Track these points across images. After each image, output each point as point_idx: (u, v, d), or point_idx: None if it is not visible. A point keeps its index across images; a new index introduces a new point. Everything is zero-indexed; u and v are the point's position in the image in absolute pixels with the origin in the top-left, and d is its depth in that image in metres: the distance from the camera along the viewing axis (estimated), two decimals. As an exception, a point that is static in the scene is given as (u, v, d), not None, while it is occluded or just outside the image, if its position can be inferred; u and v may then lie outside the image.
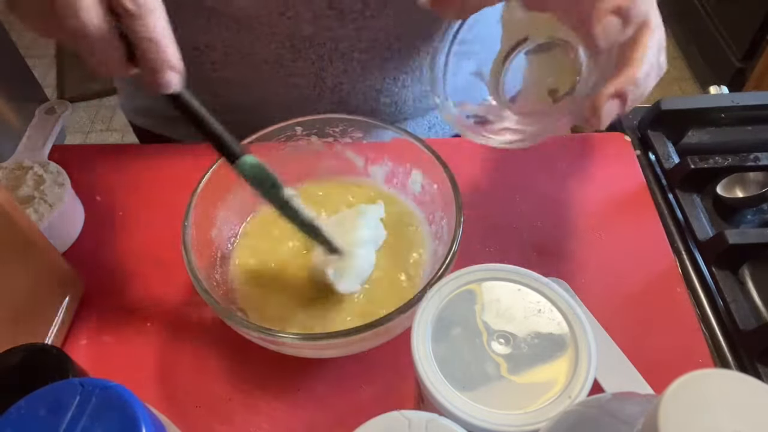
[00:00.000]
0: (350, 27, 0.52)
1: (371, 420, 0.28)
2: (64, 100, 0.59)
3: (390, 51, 0.55)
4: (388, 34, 0.54)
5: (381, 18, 0.52)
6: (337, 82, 0.57)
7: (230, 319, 0.39)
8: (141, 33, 0.31)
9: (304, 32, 0.52)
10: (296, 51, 0.54)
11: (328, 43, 0.53)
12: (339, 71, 0.56)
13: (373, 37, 0.54)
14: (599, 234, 0.53)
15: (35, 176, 0.53)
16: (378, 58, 0.56)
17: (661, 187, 0.57)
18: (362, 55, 0.55)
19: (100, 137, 1.95)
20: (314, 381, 0.45)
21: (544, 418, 0.30)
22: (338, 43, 0.53)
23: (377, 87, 0.58)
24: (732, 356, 0.45)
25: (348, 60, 0.55)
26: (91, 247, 0.54)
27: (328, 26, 0.52)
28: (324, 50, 0.54)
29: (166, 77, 0.33)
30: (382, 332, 0.40)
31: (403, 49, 0.56)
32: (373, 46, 0.54)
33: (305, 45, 0.53)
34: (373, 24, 0.53)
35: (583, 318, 0.34)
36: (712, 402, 0.18)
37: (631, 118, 0.64)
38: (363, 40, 0.54)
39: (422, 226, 0.50)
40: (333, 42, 0.53)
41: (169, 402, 0.44)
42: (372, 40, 0.54)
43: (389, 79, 0.58)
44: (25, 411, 0.24)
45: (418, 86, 0.61)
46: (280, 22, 0.51)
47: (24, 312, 0.41)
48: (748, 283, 0.49)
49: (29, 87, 1.68)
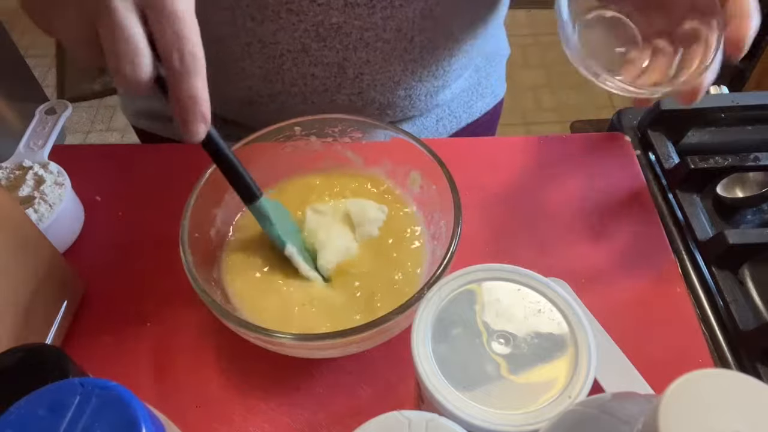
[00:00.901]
0: (378, 16, 0.53)
1: (371, 420, 0.28)
2: (64, 100, 0.59)
3: (412, 43, 0.56)
4: (412, 25, 0.55)
5: (409, 8, 0.53)
6: (358, 73, 0.58)
7: (228, 318, 0.39)
8: (183, 91, 0.34)
9: (333, 20, 0.53)
10: (321, 39, 0.54)
11: (354, 32, 0.54)
12: (362, 61, 0.57)
13: (398, 27, 0.55)
14: (599, 234, 0.53)
15: (35, 176, 0.53)
16: (399, 49, 0.56)
17: (661, 187, 0.57)
18: (385, 45, 0.56)
19: (100, 137, 1.95)
20: (314, 381, 0.45)
21: (544, 418, 0.30)
22: (364, 32, 0.54)
23: (395, 79, 0.59)
24: (732, 356, 0.45)
25: (372, 50, 0.56)
26: (91, 247, 0.54)
27: (358, 14, 0.53)
28: (349, 39, 0.55)
29: (197, 129, 0.36)
30: (380, 332, 0.39)
31: (425, 42, 0.57)
32: (396, 36, 0.55)
33: (331, 33, 0.54)
34: (401, 14, 0.54)
35: (583, 318, 0.34)
36: (712, 402, 0.18)
37: (631, 118, 0.64)
38: (388, 30, 0.55)
39: (421, 226, 0.50)
40: (359, 31, 0.54)
41: (169, 402, 0.44)
42: (396, 30, 0.55)
43: (407, 72, 0.59)
44: (25, 411, 0.24)
45: (433, 81, 0.62)
46: (310, 9, 0.52)
47: (24, 312, 0.41)
48: (748, 283, 0.49)
49: (29, 87, 1.68)
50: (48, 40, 0.45)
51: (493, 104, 0.74)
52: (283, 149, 0.52)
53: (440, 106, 0.67)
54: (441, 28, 0.57)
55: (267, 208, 0.46)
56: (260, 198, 0.45)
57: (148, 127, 0.71)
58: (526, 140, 0.62)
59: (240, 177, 0.44)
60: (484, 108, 0.73)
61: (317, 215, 0.50)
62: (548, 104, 1.99)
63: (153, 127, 0.70)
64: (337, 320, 0.44)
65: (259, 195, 0.45)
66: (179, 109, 0.35)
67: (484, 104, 0.73)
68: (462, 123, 0.71)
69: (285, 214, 0.49)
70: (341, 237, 0.49)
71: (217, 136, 0.41)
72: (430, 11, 0.55)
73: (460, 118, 0.70)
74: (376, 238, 0.49)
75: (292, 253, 0.47)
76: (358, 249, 0.49)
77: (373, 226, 0.49)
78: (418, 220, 0.51)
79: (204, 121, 0.35)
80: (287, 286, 0.47)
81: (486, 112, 0.73)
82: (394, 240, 0.49)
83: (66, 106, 0.58)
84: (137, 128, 0.74)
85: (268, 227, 0.47)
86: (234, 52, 0.56)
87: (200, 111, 0.35)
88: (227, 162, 0.43)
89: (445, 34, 0.58)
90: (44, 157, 0.55)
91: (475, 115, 0.72)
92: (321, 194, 0.52)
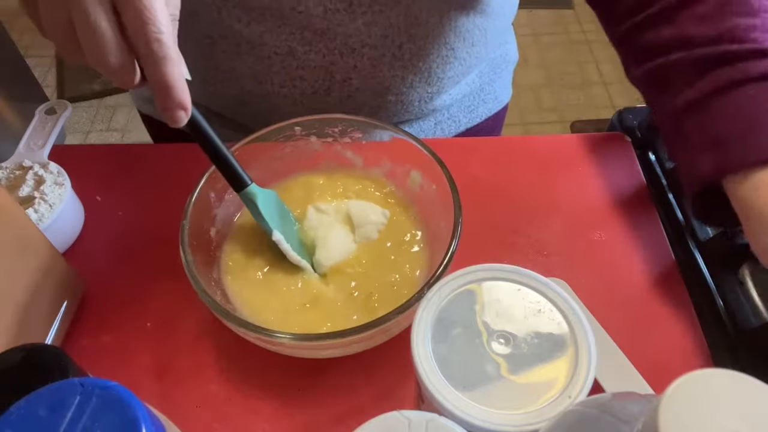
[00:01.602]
0: (360, 21, 0.53)
1: (371, 420, 0.28)
2: (64, 100, 0.59)
3: (400, 50, 0.56)
4: (398, 31, 0.55)
5: (391, 13, 0.53)
6: (347, 77, 0.57)
7: (228, 318, 0.39)
8: (156, 79, 0.33)
9: (316, 25, 0.53)
10: (307, 43, 0.54)
11: (339, 38, 0.54)
12: (349, 66, 0.56)
13: (383, 33, 0.54)
14: (599, 234, 0.53)
15: (35, 176, 0.52)
16: (387, 55, 0.56)
17: (661, 187, 0.57)
18: (372, 51, 0.55)
19: (100, 137, 1.94)
20: (314, 381, 0.45)
21: (544, 418, 0.30)
22: (348, 37, 0.54)
23: (385, 84, 0.59)
24: (732, 356, 0.45)
25: (358, 55, 0.56)
26: (91, 247, 0.54)
27: (340, 20, 0.53)
28: (335, 44, 0.55)
29: (176, 115, 0.35)
30: (380, 332, 0.40)
31: (413, 49, 0.57)
32: (384, 43, 0.55)
33: (316, 38, 0.54)
34: (383, 20, 0.53)
35: (583, 318, 0.34)
36: (712, 402, 0.18)
37: (631, 118, 0.64)
38: (373, 36, 0.54)
39: (421, 230, 0.50)
40: (343, 36, 0.54)
41: (169, 402, 0.44)
42: (383, 37, 0.55)
43: (397, 78, 0.59)
44: (25, 411, 0.24)
45: (426, 87, 0.61)
46: (291, 15, 0.52)
47: (24, 312, 0.41)
48: (748, 283, 0.49)
49: (29, 87, 1.68)
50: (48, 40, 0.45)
51: (496, 110, 0.73)
52: (283, 149, 0.52)
53: (438, 110, 0.67)
54: (432, 35, 0.56)
55: (256, 195, 0.46)
56: (249, 186, 0.46)
57: (153, 112, 0.71)
58: (526, 140, 0.62)
59: (227, 163, 0.44)
60: (486, 113, 0.72)
61: (319, 213, 0.50)
62: (548, 104, 1.99)
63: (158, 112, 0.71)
64: (338, 320, 0.44)
65: (247, 183, 0.46)
66: (156, 97, 0.35)
67: (486, 109, 0.72)
68: (462, 127, 0.70)
69: (277, 204, 0.49)
70: (340, 236, 0.49)
71: (202, 121, 0.41)
72: (416, 18, 0.54)
73: (460, 122, 0.70)
74: (376, 240, 0.49)
75: (280, 239, 0.47)
76: (356, 250, 0.49)
77: (373, 228, 0.49)
78: (418, 224, 0.51)
79: (182, 108, 0.35)
80: (287, 286, 0.47)
81: (488, 117, 0.72)
82: (393, 243, 0.49)
83: (66, 106, 0.58)
84: (142, 113, 0.75)
85: (256, 215, 0.47)
86: (224, 52, 0.56)
87: (176, 97, 0.34)
88: (213, 148, 0.43)
89: (438, 41, 0.57)
90: (44, 157, 0.55)
91: (477, 120, 0.71)
92: (323, 194, 0.52)
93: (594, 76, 2.05)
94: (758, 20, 0.41)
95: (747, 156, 0.39)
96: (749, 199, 0.39)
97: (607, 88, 2.01)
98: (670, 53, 0.44)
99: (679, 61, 0.43)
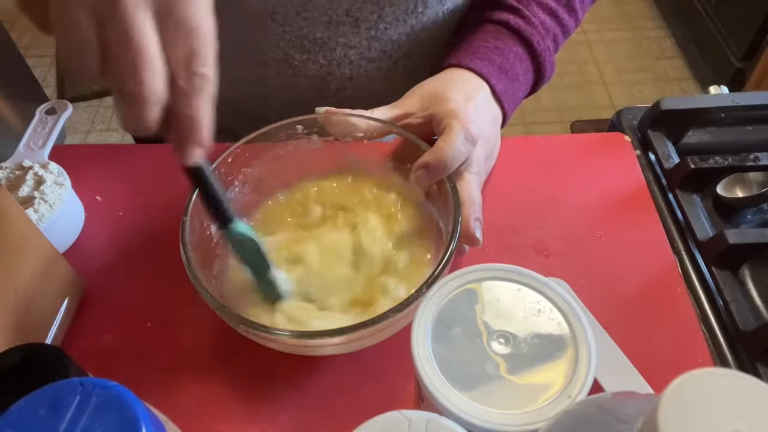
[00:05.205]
0: (363, 36, 0.53)
1: (371, 420, 0.28)
2: (64, 100, 0.59)
3: (396, 65, 0.56)
4: (398, 48, 0.55)
5: (394, 31, 0.53)
6: (341, 87, 0.57)
7: (228, 316, 0.39)
8: (183, 111, 0.31)
9: (317, 34, 0.53)
10: (305, 52, 0.54)
11: (339, 49, 0.54)
12: (345, 77, 0.56)
13: (383, 48, 0.54)
14: (599, 234, 0.53)
15: (35, 176, 0.52)
16: (383, 69, 0.56)
17: (661, 187, 0.57)
18: (369, 65, 0.56)
19: (100, 137, 1.94)
20: (314, 381, 0.45)
21: (544, 418, 0.30)
22: (348, 49, 0.54)
23: (378, 96, 0.58)
24: (732, 356, 0.45)
25: (355, 67, 0.56)
26: (91, 247, 0.54)
27: (343, 32, 0.53)
28: (333, 55, 0.54)
29: (191, 152, 0.33)
30: (378, 330, 0.40)
31: (409, 66, 0.57)
32: (381, 57, 0.55)
33: (315, 47, 0.54)
34: (385, 36, 0.53)
35: (583, 318, 0.34)
36: (712, 401, 0.18)
37: (631, 118, 0.64)
38: (372, 50, 0.54)
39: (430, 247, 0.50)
40: (343, 48, 0.54)
41: (169, 402, 0.44)
42: (381, 51, 0.55)
43: (389, 91, 0.58)
44: (25, 411, 0.24)
45: None
46: (294, 21, 0.52)
47: (24, 312, 0.41)
48: (748, 283, 0.49)
49: (29, 87, 1.68)
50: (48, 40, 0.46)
51: None
52: (284, 148, 0.52)
53: None
54: (427, 51, 0.56)
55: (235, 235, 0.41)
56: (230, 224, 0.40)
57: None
58: (526, 140, 0.62)
59: (217, 205, 0.40)
60: None
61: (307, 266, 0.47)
62: (548, 104, 1.99)
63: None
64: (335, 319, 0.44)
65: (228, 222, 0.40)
66: (176, 128, 0.32)
67: None
68: None
69: (254, 247, 0.43)
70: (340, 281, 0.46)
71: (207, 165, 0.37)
72: (417, 35, 0.54)
73: None
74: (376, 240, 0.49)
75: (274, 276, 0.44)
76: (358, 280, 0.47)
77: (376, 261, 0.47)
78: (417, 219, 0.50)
79: (200, 146, 0.32)
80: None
81: None
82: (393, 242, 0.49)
83: (66, 106, 0.58)
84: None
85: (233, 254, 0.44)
86: (222, 53, 0.56)
87: (198, 135, 0.32)
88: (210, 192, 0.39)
89: (434, 56, 0.57)
90: (44, 157, 0.55)
91: None
92: (323, 196, 0.52)
93: (594, 76, 2.05)
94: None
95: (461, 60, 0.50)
96: None
97: (607, 88, 2.01)
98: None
99: None
